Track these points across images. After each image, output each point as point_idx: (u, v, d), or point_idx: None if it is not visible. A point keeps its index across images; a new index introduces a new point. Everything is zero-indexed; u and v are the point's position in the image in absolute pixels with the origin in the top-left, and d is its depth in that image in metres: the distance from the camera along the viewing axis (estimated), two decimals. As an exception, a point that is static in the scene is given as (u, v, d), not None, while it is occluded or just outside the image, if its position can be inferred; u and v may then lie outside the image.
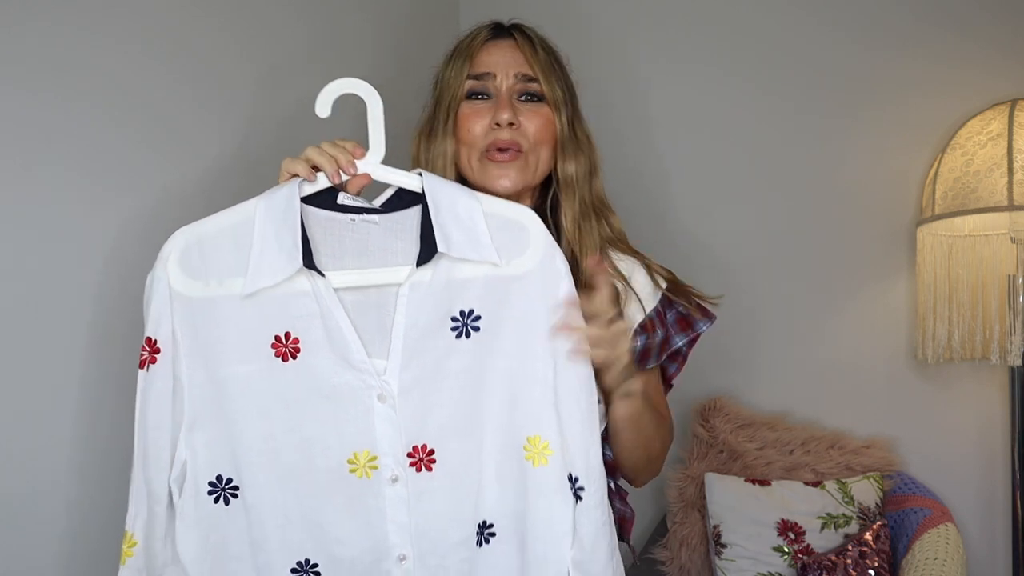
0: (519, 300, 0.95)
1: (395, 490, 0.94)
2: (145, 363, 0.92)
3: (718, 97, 2.08)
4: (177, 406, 0.93)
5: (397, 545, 0.95)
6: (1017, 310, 1.65)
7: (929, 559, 1.60)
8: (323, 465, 0.94)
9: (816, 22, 2.00)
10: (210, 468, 0.94)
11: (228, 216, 0.94)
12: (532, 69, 1.13)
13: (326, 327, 0.93)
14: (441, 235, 0.93)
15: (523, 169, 1.12)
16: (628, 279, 1.16)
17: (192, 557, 0.93)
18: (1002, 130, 1.66)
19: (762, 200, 2.05)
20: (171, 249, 0.92)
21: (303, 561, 0.95)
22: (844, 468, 1.85)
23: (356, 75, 0.95)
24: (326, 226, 0.95)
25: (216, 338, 0.92)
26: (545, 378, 0.95)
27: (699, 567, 1.88)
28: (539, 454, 0.95)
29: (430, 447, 0.94)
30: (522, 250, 0.95)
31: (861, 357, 1.97)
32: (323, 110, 0.95)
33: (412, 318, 0.94)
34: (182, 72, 1.26)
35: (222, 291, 0.92)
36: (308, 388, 0.93)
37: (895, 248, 1.93)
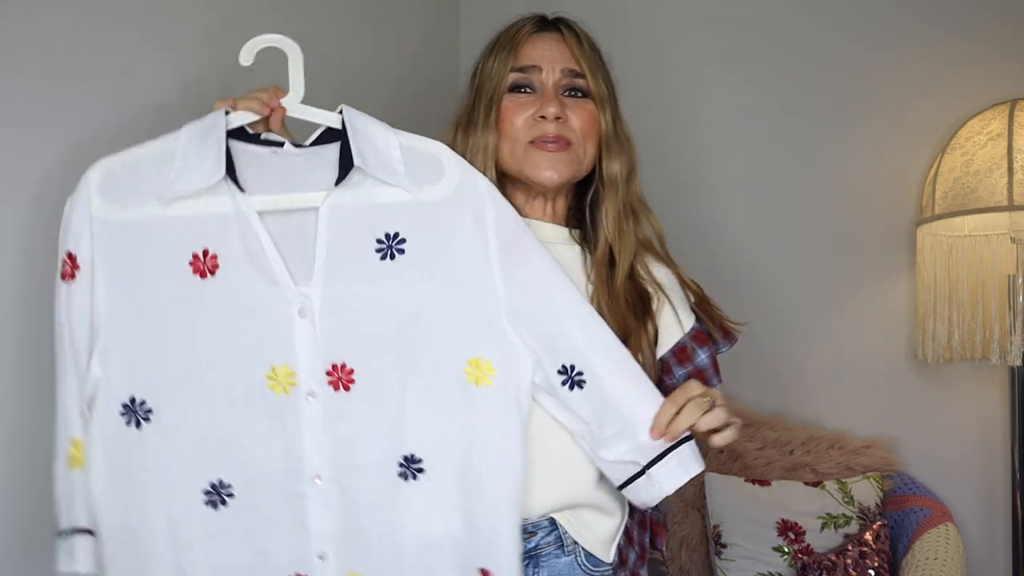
0: (443, 224, 0.97)
1: (312, 407, 0.95)
2: (66, 275, 0.94)
3: (718, 97, 2.08)
4: (94, 326, 0.94)
5: (313, 464, 0.95)
6: (1017, 310, 1.65)
7: (929, 559, 1.60)
8: (241, 381, 0.95)
9: (816, 22, 2.00)
10: (124, 389, 0.94)
11: (153, 145, 0.96)
12: (579, 64, 1.11)
13: (245, 242, 0.94)
14: (358, 154, 0.95)
15: (571, 162, 1.10)
16: (666, 291, 1.14)
17: (98, 478, 0.94)
18: (1002, 130, 1.66)
19: (762, 200, 2.05)
20: (93, 174, 0.95)
21: (216, 482, 0.95)
22: (844, 468, 1.85)
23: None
24: (250, 158, 0.97)
25: (135, 259, 0.94)
26: (482, 301, 0.96)
27: (699, 567, 1.88)
28: (482, 375, 0.96)
29: (350, 367, 0.95)
30: (437, 178, 0.97)
31: (861, 357, 1.97)
32: (246, 59, 0.99)
33: (335, 238, 0.95)
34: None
35: (139, 213, 0.94)
36: (227, 304, 0.94)
37: (895, 248, 1.93)
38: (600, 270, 1.10)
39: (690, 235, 2.05)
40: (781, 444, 1.91)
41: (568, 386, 0.98)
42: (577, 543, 1.07)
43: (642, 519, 1.15)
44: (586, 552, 1.07)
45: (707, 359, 1.13)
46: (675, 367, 1.12)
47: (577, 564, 1.07)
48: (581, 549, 1.07)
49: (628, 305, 1.09)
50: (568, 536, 1.07)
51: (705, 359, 1.12)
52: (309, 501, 0.96)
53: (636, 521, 1.14)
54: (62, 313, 0.94)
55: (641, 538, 1.15)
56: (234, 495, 0.96)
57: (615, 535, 1.09)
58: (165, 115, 1.19)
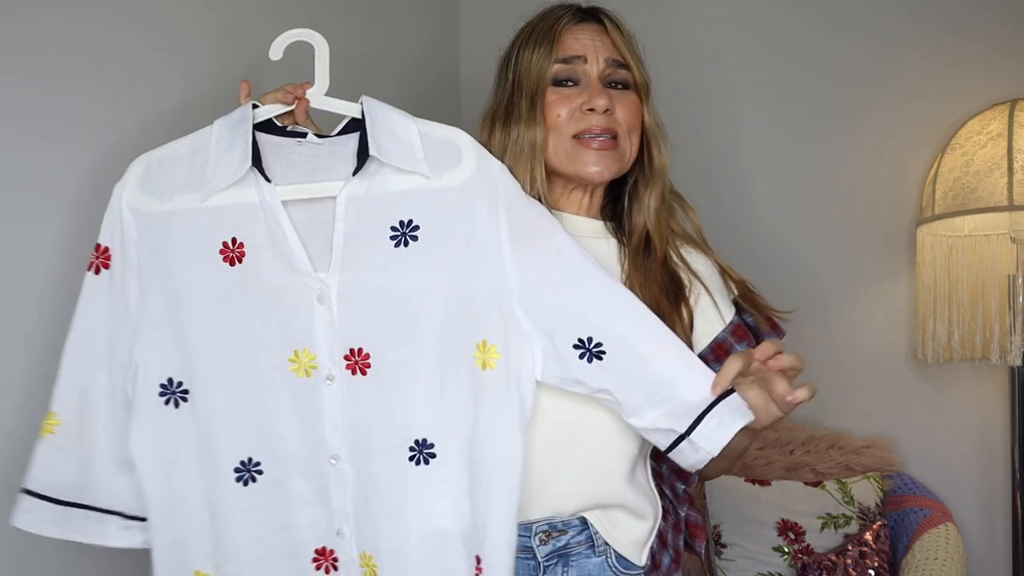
0: (458, 211, 0.98)
1: (331, 390, 0.98)
2: (94, 266, 0.99)
3: (717, 98, 2.08)
4: (130, 314, 0.99)
5: (332, 445, 0.99)
6: (1017, 310, 1.65)
7: (929, 559, 1.60)
8: (266, 364, 0.99)
9: (816, 23, 2.00)
10: (161, 371, 0.99)
11: (187, 139, 1.01)
12: (622, 55, 1.09)
13: (270, 232, 0.97)
14: (375, 144, 0.97)
15: (618, 158, 1.08)
16: (704, 280, 1.12)
17: (142, 456, 0.99)
18: (1002, 130, 1.66)
19: (762, 200, 2.05)
20: (132, 171, 1.00)
21: (246, 460, 1.00)
22: (844, 468, 1.85)
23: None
24: (276, 149, 1.00)
25: (169, 248, 0.98)
26: (495, 283, 0.98)
27: (699, 567, 1.88)
28: (488, 358, 0.98)
29: (366, 351, 0.98)
30: (455, 164, 0.99)
31: (861, 357, 1.97)
32: (276, 54, 1.02)
33: (351, 226, 0.98)
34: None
35: (174, 205, 0.98)
36: (253, 290, 0.98)
37: (895, 248, 1.93)
38: (635, 257, 1.09)
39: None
40: (781, 444, 1.91)
41: (586, 358, 0.97)
42: (608, 544, 1.05)
43: (676, 521, 1.13)
44: (617, 554, 1.06)
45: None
46: (712, 364, 1.07)
47: (608, 566, 1.06)
48: (612, 551, 1.05)
49: (661, 289, 1.07)
50: (599, 536, 1.05)
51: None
52: (330, 480, 0.99)
53: (670, 524, 1.12)
54: (85, 300, 0.99)
55: (676, 541, 1.13)
56: (263, 472, 1.00)
57: (647, 538, 1.07)
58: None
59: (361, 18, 1.78)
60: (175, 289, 0.99)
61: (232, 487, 1.00)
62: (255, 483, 1.00)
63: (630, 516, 1.06)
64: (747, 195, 2.05)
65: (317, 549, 1.01)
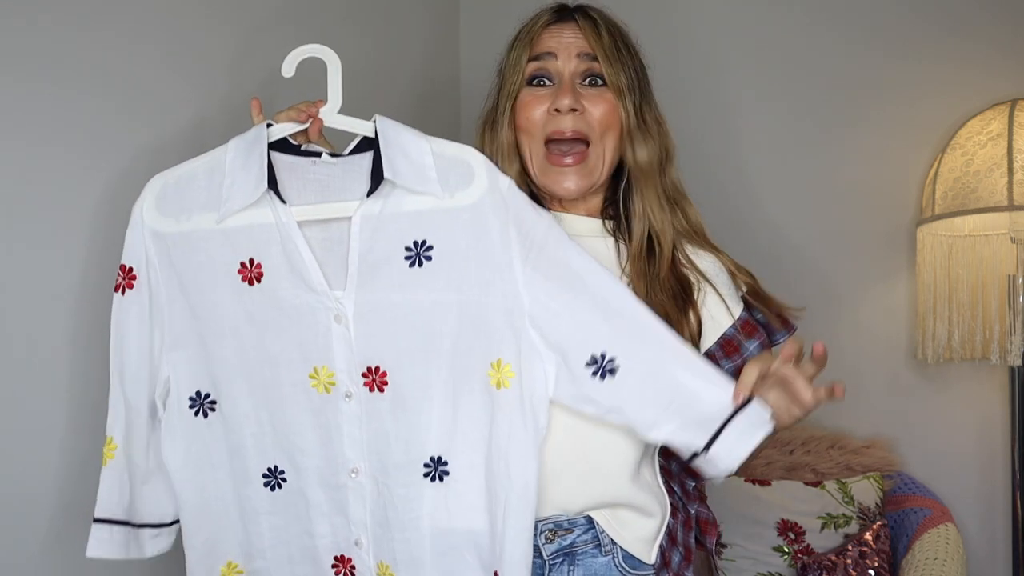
0: (469, 230, 0.99)
1: (349, 406, 1.01)
2: (120, 287, 1.01)
3: (718, 97, 2.08)
4: (158, 329, 1.02)
5: (351, 459, 1.01)
6: (1017, 310, 1.65)
7: (929, 559, 1.60)
8: (288, 379, 1.01)
9: (817, 24, 2.00)
10: (190, 384, 1.03)
11: (202, 158, 1.03)
12: (593, 49, 1.07)
13: (286, 252, 0.99)
14: (389, 166, 0.98)
15: (589, 172, 1.07)
16: (711, 279, 1.11)
17: (177, 465, 1.04)
18: (1002, 130, 1.66)
19: (762, 200, 2.05)
20: (148, 191, 1.02)
21: (272, 468, 1.04)
22: (844, 468, 1.85)
23: (337, 49, 1.03)
24: (291, 169, 1.02)
25: (190, 268, 1.01)
26: (507, 302, 0.98)
27: (699, 567, 1.88)
28: (503, 378, 0.99)
29: (383, 369, 1.00)
30: (467, 183, 0.99)
31: (861, 357, 1.97)
32: (288, 70, 1.03)
33: (366, 245, 0.99)
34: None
35: (192, 226, 1.00)
36: (272, 309, 1.00)
37: (895, 248, 1.93)
38: (637, 264, 1.07)
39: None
40: (781, 444, 1.91)
41: (599, 375, 0.97)
42: (615, 543, 1.04)
43: (686, 519, 1.12)
44: (625, 553, 1.05)
45: (757, 350, 1.09)
46: (722, 360, 1.08)
47: (615, 565, 1.05)
48: (619, 549, 1.04)
49: (669, 295, 1.06)
50: (605, 535, 1.04)
51: (756, 350, 1.09)
52: (348, 492, 1.02)
53: (680, 521, 1.11)
54: (115, 322, 1.02)
55: (686, 538, 1.12)
56: (287, 480, 1.04)
57: (656, 536, 1.06)
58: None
59: (363, 27, 1.78)
60: (197, 307, 1.01)
61: (261, 491, 1.04)
62: (281, 489, 1.04)
63: (637, 514, 1.05)
64: (747, 195, 2.05)
65: (336, 556, 1.05)
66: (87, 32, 1.15)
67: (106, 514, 1.03)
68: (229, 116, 1.33)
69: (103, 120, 1.17)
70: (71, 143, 1.13)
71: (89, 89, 1.15)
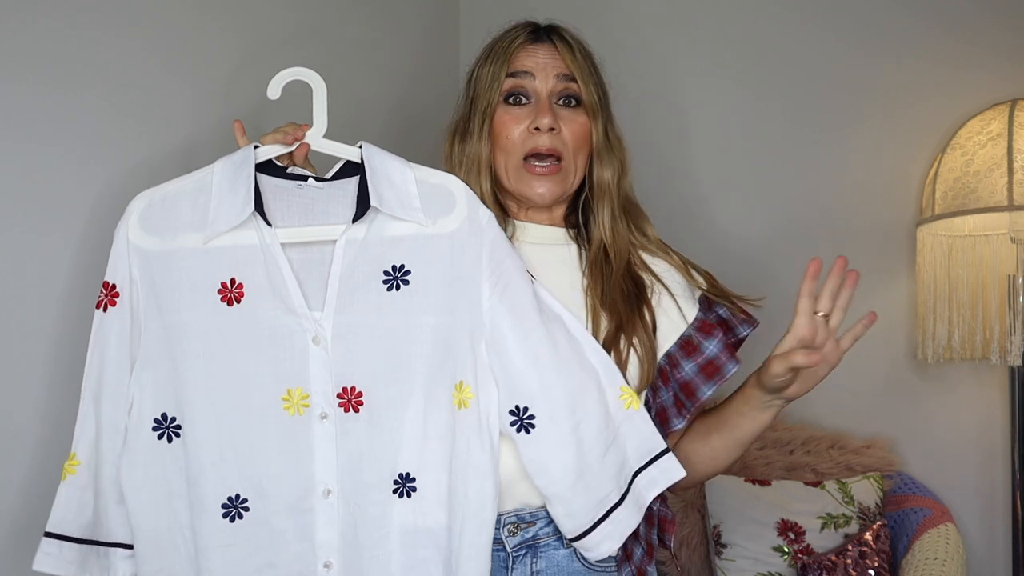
0: (446, 256, 1.03)
1: (324, 427, 1.02)
2: (102, 304, 1.02)
3: (719, 99, 2.08)
4: (133, 348, 1.02)
5: (323, 480, 1.02)
6: (1017, 310, 1.65)
7: (929, 559, 1.60)
8: (258, 402, 1.01)
9: (818, 25, 2.01)
10: (155, 406, 1.02)
11: (189, 178, 1.04)
12: (571, 70, 1.12)
13: (268, 274, 1.01)
14: (375, 194, 1.02)
15: (562, 181, 1.12)
16: (665, 283, 1.15)
17: (133, 487, 1.02)
18: (1002, 130, 1.66)
19: (763, 200, 2.05)
20: (134, 207, 1.02)
21: (233, 496, 1.02)
22: (844, 468, 1.85)
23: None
24: (276, 191, 1.04)
25: (169, 287, 1.01)
26: (471, 327, 1.02)
27: (699, 567, 1.88)
28: (463, 399, 1.03)
29: (359, 389, 1.02)
30: (448, 211, 1.04)
31: (861, 357, 1.96)
32: (274, 93, 1.05)
33: (347, 269, 1.02)
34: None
35: (176, 244, 1.01)
36: (249, 329, 1.01)
37: (895, 248, 1.93)
38: (594, 266, 1.12)
39: (691, 236, 2.05)
40: (781, 444, 1.91)
41: (516, 427, 1.02)
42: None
43: (649, 515, 1.14)
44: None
45: (717, 348, 1.12)
46: (683, 360, 1.12)
47: (576, 556, 1.08)
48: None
49: (622, 295, 1.10)
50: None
51: (715, 348, 1.12)
52: (317, 515, 1.02)
53: (643, 516, 1.13)
54: (95, 339, 1.02)
55: (648, 534, 1.14)
56: (249, 509, 1.03)
57: None
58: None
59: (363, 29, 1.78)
60: (171, 327, 1.01)
61: (217, 523, 1.02)
62: (241, 519, 1.03)
63: None
64: (748, 196, 2.05)
65: None
66: (83, 37, 1.15)
67: (58, 529, 1.02)
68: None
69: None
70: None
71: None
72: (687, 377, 1.11)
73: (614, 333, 1.08)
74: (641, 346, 1.08)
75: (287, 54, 1.48)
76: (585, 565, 1.08)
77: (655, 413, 1.12)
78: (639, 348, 1.08)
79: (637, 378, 1.08)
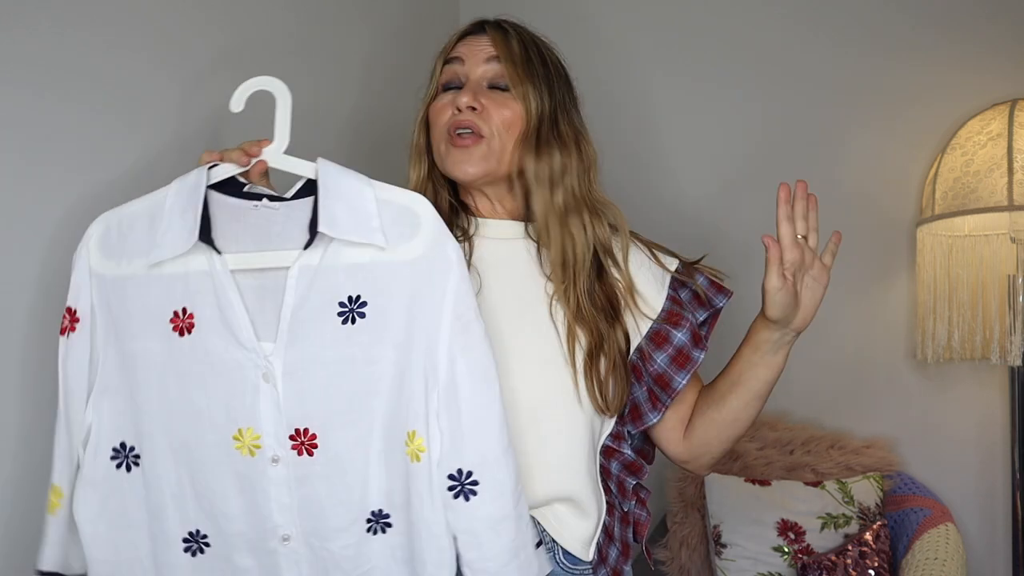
0: (406, 287, 0.94)
1: (276, 471, 0.95)
2: (65, 331, 0.97)
3: (720, 99, 2.08)
4: (92, 374, 0.97)
5: (281, 525, 0.96)
6: (1017, 310, 1.65)
7: (929, 559, 1.60)
8: (212, 440, 0.96)
9: (818, 26, 2.01)
10: (115, 434, 0.98)
11: (145, 200, 0.98)
12: (500, 55, 1.10)
13: (219, 305, 0.95)
14: (326, 217, 0.93)
15: (486, 156, 1.08)
16: (635, 276, 1.13)
17: (89, 518, 0.97)
18: (1002, 130, 1.66)
19: (763, 200, 2.05)
20: (93, 231, 0.98)
21: (194, 532, 0.98)
22: (844, 468, 1.85)
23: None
24: (231, 212, 0.98)
25: (124, 313, 0.97)
26: (425, 371, 0.94)
27: (699, 567, 1.88)
28: (415, 451, 0.95)
29: (312, 431, 0.95)
30: (411, 235, 0.95)
31: (861, 357, 1.97)
32: (237, 105, 0.99)
33: (299, 300, 0.94)
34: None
35: (131, 270, 0.97)
36: (200, 362, 0.96)
37: (895, 248, 1.93)
38: (557, 271, 1.08)
39: (691, 235, 2.05)
40: (781, 444, 1.91)
41: (454, 493, 0.94)
42: (556, 541, 1.07)
43: (623, 515, 1.14)
44: (563, 550, 1.07)
45: (685, 337, 1.12)
46: (654, 352, 1.11)
47: (555, 561, 1.07)
48: (559, 548, 1.07)
49: (598, 308, 1.08)
50: (547, 535, 1.07)
51: (683, 337, 1.12)
52: (280, 557, 0.97)
53: (617, 518, 1.13)
54: (61, 366, 0.98)
55: (624, 534, 1.14)
56: (210, 544, 0.98)
57: (592, 536, 1.09)
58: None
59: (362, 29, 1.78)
60: (128, 354, 0.97)
61: (180, 556, 0.98)
62: (203, 554, 0.98)
63: (576, 514, 1.07)
64: (748, 195, 2.05)
65: None
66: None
67: (51, 567, 0.98)
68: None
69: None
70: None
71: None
72: (660, 369, 1.11)
73: (595, 350, 1.06)
74: (613, 363, 1.07)
75: (287, 59, 1.47)
76: (564, 568, 1.08)
77: (628, 410, 1.12)
78: (612, 364, 1.07)
79: (613, 396, 1.07)
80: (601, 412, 1.07)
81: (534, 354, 1.06)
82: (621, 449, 1.12)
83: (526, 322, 1.07)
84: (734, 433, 1.15)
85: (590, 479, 1.08)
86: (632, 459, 1.13)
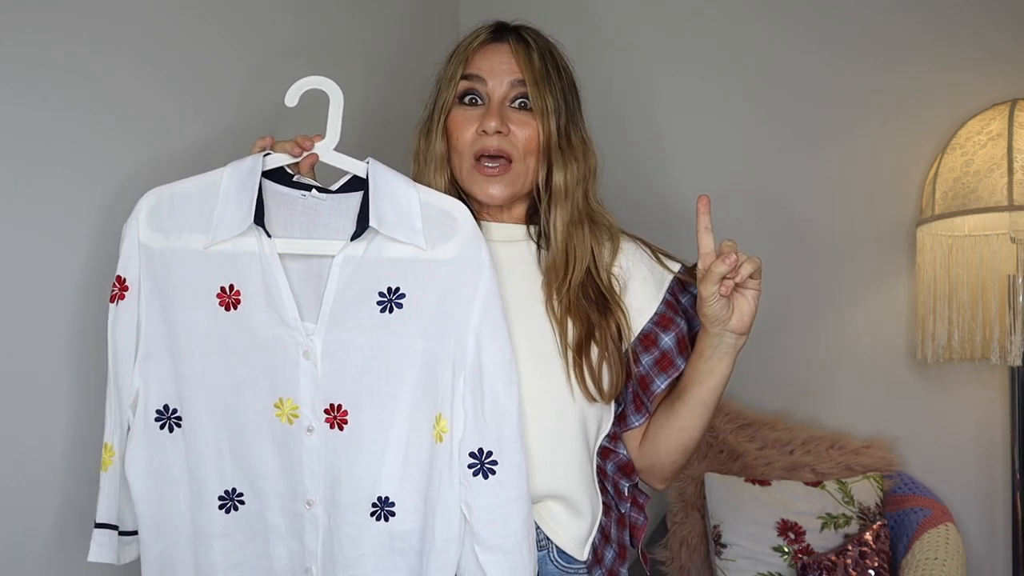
0: (441, 283, 1.02)
1: (311, 440, 1.03)
2: (115, 298, 1.03)
3: (721, 99, 2.09)
4: (139, 340, 1.04)
5: (309, 490, 1.04)
6: (1017, 310, 1.65)
7: (929, 559, 1.60)
8: (252, 406, 1.03)
9: (819, 26, 2.01)
10: (158, 397, 1.04)
11: (198, 179, 1.04)
12: (524, 75, 1.12)
13: (265, 284, 1.02)
14: (375, 214, 1.01)
15: (512, 182, 1.12)
16: (631, 275, 1.15)
17: (138, 475, 1.04)
18: (1002, 130, 1.66)
19: (763, 200, 2.05)
20: (143, 204, 1.03)
21: (230, 490, 1.05)
22: (844, 468, 1.85)
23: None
24: (280, 199, 1.05)
25: (171, 285, 1.03)
26: (454, 359, 1.02)
27: (699, 567, 1.88)
28: (439, 432, 1.02)
29: (345, 407, 1.03)
30: (449, 237, 1.02)
31: (861, 357, 1.97)
32: (291, 100, 1.05)
33: (342, 287, 1.02)
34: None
35: (180, 244, 1.02)
36: (244, 336, 1.03)
37: (895, 248, 1.93)
38: (552, 273, 1.12)
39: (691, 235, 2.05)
40: (781, 444, 1.91)
41: (473, 470, 1.00)
42: (550, 540, 1.08)
43: (620, 517, 1.15)
44: (558, 549, 1.08)
45: (671, 341, 1.13)
46: (642, 353, 1.13)
47: (549, 560, 1.09)
48: (554, 546, 1.08)
49: (590, 301, 1.10)
50: (541, 532, 1.08)
51: (669, 342, 1.13)
52: (305, 521, 1.05)
53: (614, 519, 1.14)
54: (110, 332, 1.03)
55: (620, 536, 1.15)
56: (244, 502, 1.06)
57: (587, 536, 1.10)
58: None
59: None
60: (172, 323, 1.03)
61: (215, 514, 1.05)
62: (237, 512, 1.05)
63: (571, 514, 1.08)
64: (749, 195, 2.05)
65: None
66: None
67: (106, 519, 1.05)
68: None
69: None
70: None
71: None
72: (643, 371, 1.12)
73: (584, 339, 1.08)
74: (608, 354, 1.08)
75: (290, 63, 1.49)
76: (558, 567, 1.09)
77: (620, 410, 1.14)
78: (606, 356, 1.08)
79: (608, 385, 1.08)
80: (592, 400, 1.08)
81: (529, 352, 1.07)
82: (616, 449, 1.13)
83: (523, 320, 1.08)
84: (682, 443, 1.13)
85: (584, 478, 1.09)
86: (626, 460, 1.14)
